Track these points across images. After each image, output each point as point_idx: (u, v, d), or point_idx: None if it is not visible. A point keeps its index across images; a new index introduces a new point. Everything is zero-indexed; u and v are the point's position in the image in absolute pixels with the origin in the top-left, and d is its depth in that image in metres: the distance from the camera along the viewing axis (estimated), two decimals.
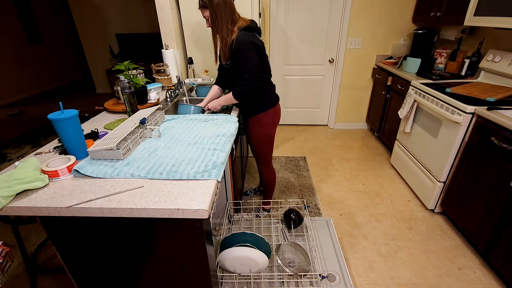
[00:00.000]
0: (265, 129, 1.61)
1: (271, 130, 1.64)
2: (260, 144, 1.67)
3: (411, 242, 1.75)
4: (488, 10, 1.73)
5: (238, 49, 1.37)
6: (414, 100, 2.12)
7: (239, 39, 1.37)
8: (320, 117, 3.57)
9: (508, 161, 1.37)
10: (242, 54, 1.37)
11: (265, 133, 1.62)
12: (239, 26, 1.40)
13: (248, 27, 1.42)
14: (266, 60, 1.52)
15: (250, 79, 1.39)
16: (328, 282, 1.38)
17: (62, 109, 0.98)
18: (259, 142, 1.67)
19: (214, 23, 1.38)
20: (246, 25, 1.41)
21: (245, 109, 1.61)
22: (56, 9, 5.83)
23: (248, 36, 1.39)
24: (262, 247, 1.31)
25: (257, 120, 1.59)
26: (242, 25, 1.40)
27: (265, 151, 1.71)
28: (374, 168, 2.59)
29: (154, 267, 0.96)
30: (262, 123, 1.60)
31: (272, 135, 1.67)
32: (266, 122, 1.60)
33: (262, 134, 1.63)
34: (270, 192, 1.93)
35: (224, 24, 1.37)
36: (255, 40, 1.41)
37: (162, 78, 2.05)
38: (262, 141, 1.66)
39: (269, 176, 1.83)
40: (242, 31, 1.39)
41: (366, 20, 2.91)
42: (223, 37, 1.39)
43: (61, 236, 0.90)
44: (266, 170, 1.80)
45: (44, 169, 0.91)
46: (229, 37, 1.39)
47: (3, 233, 1.89)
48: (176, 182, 0.88)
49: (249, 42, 1.37)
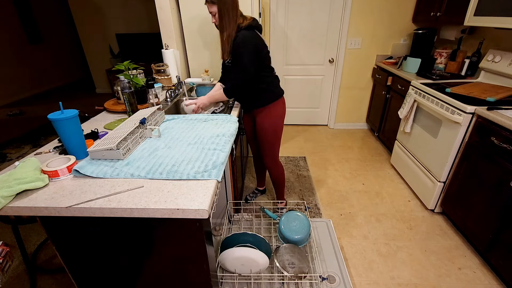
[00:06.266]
0: (273, 121, 1.63)
1: (278, 122, 1.65)
2: (268, 137, 1.67)
3: (411, 242, 1.75)
4: (488, 10, 1.73)
5: (237, 47, 1.41)
6: (414, 100, 2.12)
7: (239, 38, 1.40)
8: (320, 117, 3.57)
9: (508, 161, 1.37)
10: (239, 52, 1.41)
11: (273, 125, 1.64)
12: (241, 24, 1.43)
13: (250, 26, 1.44)
14: (267, 56, 1.54)
15: (241, 78, 1.44)
16: (328, 283, 1.38)
17: (62, 109, 0.98)
18: (268, 135, 1.66)
19: (221, 19, 1.41)
20: (248, 24, 1.43)
21: (251, 102, 1.62)
22: (56, 9, 5.83)
23: (248, 35, 1.42)
24: (263, 248, 1.31)
25: (266, 111, 1.61)
26: (244, 23, 1.43)
27: (274, 144, 1.71)
28: (374, 168, 2.59)
29: (154, 267, 0.96)
30: (270, 115, 1.62)
31: (280, 128, 1.68)
32: (274, 113, 1.62)
33: (270, 126, 1.64)
34: (282, 189, 1.93)
35: (231, 21, 1.41)
36: (255, 40, 1.43)
37: (162, 78, 2.05)
38: (270, 134, 1.66)
39: (278, 171, 1.83)
40: (243, 30, 1.42)
41: (366, 20, 2.91)
42: (229, 33, 1.42)
43: (61, 236, 0.90)
44: (274, 166, 1.80)
45: (44, 169, 0.90)
46: (233, 34, 1.42)
47: (3, 233, 1.89)
48: (176, 182, 0.88)
49: (247, 42, 1.40)
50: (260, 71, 1.51)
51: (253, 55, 1.42)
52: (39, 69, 5.56)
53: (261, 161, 2.06)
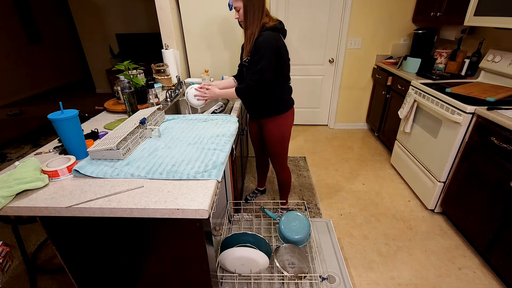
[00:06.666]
0: (283, 130, 1.61)
1: (287, 131, 1.64)
2: (278, 146, 1.66)
3: (411, 242, 1.75)
4: (488, 10, 1.73)
5: (259, 47, 1.34)
6: (414, 100, 2.12)
7: (262, 38, 1.34)
8: (320, 117, 3.57)
9: (508, 161, 1.37)
10: (259, 53, 1.34)
11: (282, 134, 1.62)
12: (266, 24, 1.37)
13: (275, 27, 1.38)
14: (288, 64, 1.48)
15: (258, 80, 1.37)
16: (328, 283, 1.38)
17: (62, 109, 0.98)
18: (277, 144, 1.66)
19: (246, 16, 1.35)
20: (274, 25, 1.37)
21: (261, 109, 1.58)
22: (56, 9, 5.83)
23: (272, 36, 1.35)
24: (263, 248, 1.31)
25: (276, 121, 1.58)
26: (270, 23, 1.37)
27: (282, 152, 1.71)
28: (374, 168, 2.59)
29: (154, 267, 0.96)
30: (280, 125, 1.60)
31: (288, 136, 1.67)
32: (284, 123, 1.60)
33: (280, 136, 1.62)
34: (286, 192, 1.93)
35: (255, 19, 1.35)
36: (278, 43, 1.37)
37: (162, 78, 2.05)
38: (280, 143, 1.65)
39: (285, 176, 1.83)
40: (268, 30, 1.36)
41: (366, 20, 2.91)
42: (252, 31, 1.36)
43: (61, 236, 0.90)
44: (282, 171, 1.80)
45: (44, 169, 0.90)
46: (256, 33, 1.36)
47: (3, 233, 1.89)
48: (176, 182, 0.88)
49: (271, 44, 1.34)
50: (278, 78, 1.45)
51: (274, 58, 1.36)
52: (39, 69, 5.56)
53: (263, 163, 2.05)
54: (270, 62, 1.35)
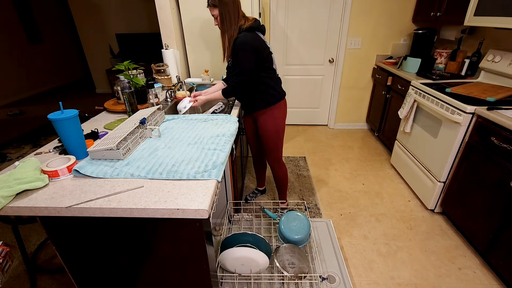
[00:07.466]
0: (277, 122, 1.64)
1: (280, 123, 1.66)
2: (273, 138, 1.68)
3: (411, 242, 1.75)
4: (488, 10, 1.73)
5: (236, 49, 1.42)
6: (414, 100, 2.12)
7: (239, 40, 1.41)
8: (320, 117, 3.57)
9: (508, 161, 1.37)
10: (237, 55, 1.43)
11: (275, 126, 1.65)
12: (242, 26, 1.44)
13: (251, 27, 1.44)
14: (269, 57, 1.54)
15: (238, 81, 1.46)
16: (328, 283, 1.38)
17: (62, 109, 0.98)
18: (271, 136, 1.68)
19: (223, 22, 1.44)
20: (249, 25, 1.44)
21: (252, 103, 1.62)
22: (56, 9, 5.83)
23: (248, 37, 1.42)
24: (263, 248, 1.31)
25: (269, 113, 1.62)
26: (246, 25, 1.44)
27: (277, 145, 1.73)
28: (374, 168, 2.59)
29: (154, 267, 0.96)
30: (273, 116, 1.62)
31: (282, 129, 1.69)
32: (277, 115, 1.63)
33: (272, 128, 1.65)
34: (284, 189, 1.94)
35: (233, 23, 1.43)
36: (254, 43, 1.43)
37: (162, 78, 2.05)
38: (273, 135, 1.67)
39: (281, 170, 1.84)
40: (244, 32, 1.43)
41: (366, 20, 2.91)
42: (231, 35, 1.44)
43: (61, 236, 0.90)
44: (277, 166, 1.81)
45: (44, 169, 0.90)
46: (235, 35, 1.44)
47: (3, 233, 1.89)
48: (176, 182, 0.88)
49: (247, 44, 1.41)
50: (261, 72, 1.52)
51: (252, 57, 1.43)
52: (39, 69, 5.56)
53: (260, 162, 2.06)
54: (248, 62, 1.43)
